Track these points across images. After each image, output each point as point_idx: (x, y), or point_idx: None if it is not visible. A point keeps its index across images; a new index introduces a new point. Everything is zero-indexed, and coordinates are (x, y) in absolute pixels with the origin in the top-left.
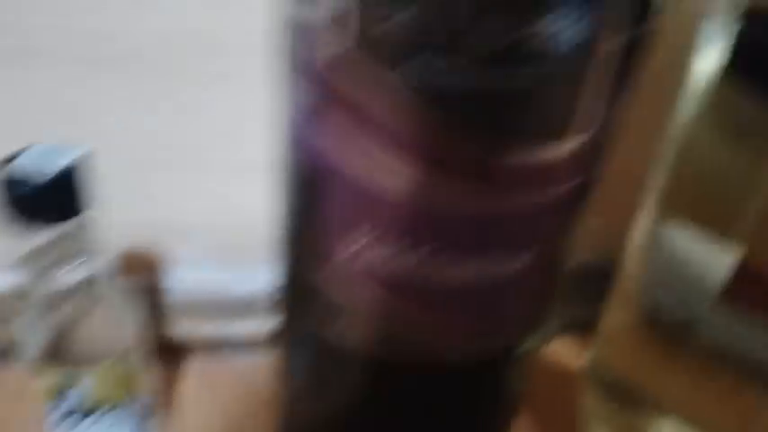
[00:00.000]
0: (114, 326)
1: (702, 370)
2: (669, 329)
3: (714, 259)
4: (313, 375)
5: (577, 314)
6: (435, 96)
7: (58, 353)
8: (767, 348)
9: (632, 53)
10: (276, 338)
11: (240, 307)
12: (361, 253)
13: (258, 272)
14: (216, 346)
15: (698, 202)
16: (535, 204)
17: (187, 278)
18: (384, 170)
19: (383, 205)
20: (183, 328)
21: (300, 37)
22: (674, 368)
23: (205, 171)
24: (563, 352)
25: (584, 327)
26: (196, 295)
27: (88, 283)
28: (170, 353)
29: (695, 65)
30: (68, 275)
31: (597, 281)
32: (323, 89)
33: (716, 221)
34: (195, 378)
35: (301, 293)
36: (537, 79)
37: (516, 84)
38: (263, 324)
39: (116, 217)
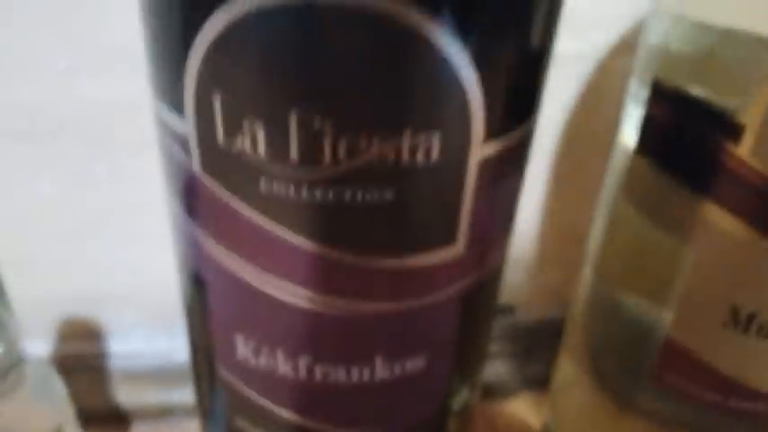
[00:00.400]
0: (40, 406)
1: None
2: (615, 389)
3: (650, 328)
4: None
5: (538, 370)
6: (295, 209)
7: None
8: (706, 421)
9: (513, 155)
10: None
11: (184, 374)
12: (249, 355)
13: None
14: (161, 414)
15: (630, 270)
16: (423, 308)
17: (130, 346)
18: (258, 277)
19: (261, 311)
20: (127, 395)
21: (170, 137)
22: (622, 428)
23: (143, 239)
24: (523, 409)
25: (544, 383)
26: (140, 363)
27: (6, 371)
28: (115, 421)
29: (620, 130)
30: None
31: (557, 336)
32: (193, 189)
33: (649, 293)
34: None
35: (206, 381)
36: (402, 192)
37: (382, 198)
38: None
39: (55, 288)
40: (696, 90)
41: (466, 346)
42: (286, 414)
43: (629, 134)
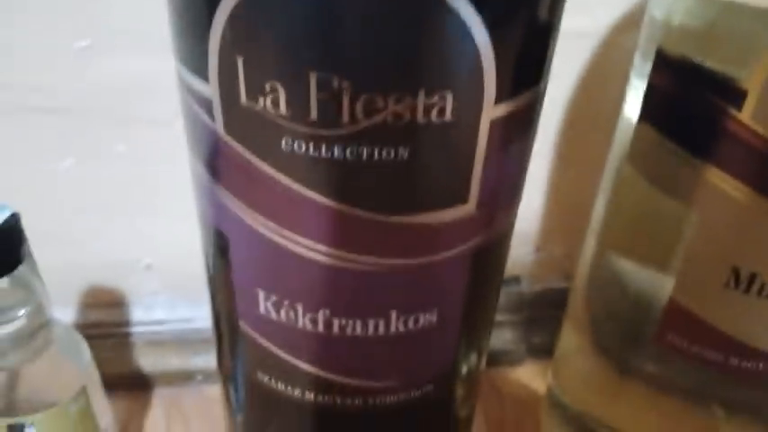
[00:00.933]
0: (68, 365)
1: (650, 396)
2: (616, 356)
3: (651, 294)
4: (249, 416)
5: (542, 339)
6: (314, 167)
7: (8, 402)
8: (706, 383)
9: (522, 118)
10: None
11: (205, 340)
12: (270, 309)
13: None
14: (182, 379)
15: (634, 236)
16: (435, 264)
17: (153, 314)
18: (279, 233)
19: (281, 266)
20: (149, 362)
21: (193, 100)
22: (623, 393)
23: (164, 211)
24: (528, 376)
25: (548, 351)
26: (162, 330)
27: (35, 331)
28: (137, 386)
29: (625, 102)
30: (13, 325)
31: (561, 306)
32: (216, 150)
33: (652, 258)
34: (163, 410)
35: (229, 338)
36: (417, 151)
37: (398, 156)
38: None
39: (79, 258)
40: (699, 61)
41: (475, 304)
42: (306, 367)
43: (633, 106)
